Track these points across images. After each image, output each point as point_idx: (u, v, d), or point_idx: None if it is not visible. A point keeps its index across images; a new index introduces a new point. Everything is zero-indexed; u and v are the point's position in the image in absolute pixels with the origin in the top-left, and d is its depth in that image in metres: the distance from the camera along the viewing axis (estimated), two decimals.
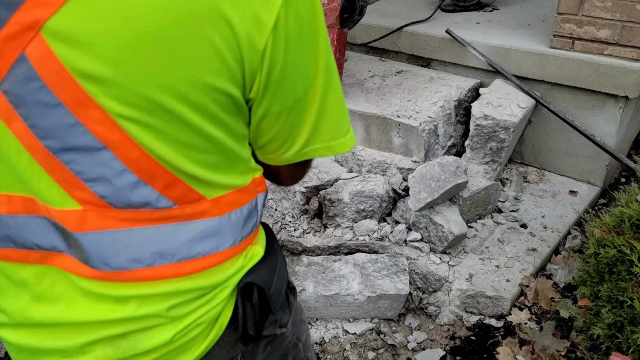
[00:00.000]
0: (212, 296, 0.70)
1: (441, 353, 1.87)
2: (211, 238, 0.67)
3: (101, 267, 0.64)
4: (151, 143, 0.58)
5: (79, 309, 0.66)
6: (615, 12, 2.09)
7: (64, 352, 0.68)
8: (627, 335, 1.45)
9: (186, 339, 0.70)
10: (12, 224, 0.64)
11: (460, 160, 2.13)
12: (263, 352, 0.84)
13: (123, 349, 0.68)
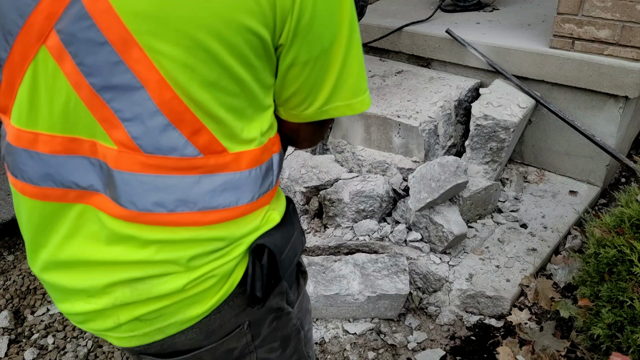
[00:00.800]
0: (227, 251, 0.74)
1: (441, 353, 1.87)
2: (231, 191, 0.71)
3: (128, 206, 0.68)
4: (185, 82, 0.63)
5: (104, 249, 0.71)
6: (615, 12, 2.09)
7: (88, 292, 0.74)
8: (627, 335, 1.45)
9: (198, 290, 0.73)
10: (53, 163, 0.69)
11: (461, 160, 2.13)
12: (268, 327, 0.86)
13: (139, 291, 0.72)
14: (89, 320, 0.78)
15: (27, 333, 2.08)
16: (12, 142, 0.71)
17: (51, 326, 2.11)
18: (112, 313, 0.75)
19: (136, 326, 0.76)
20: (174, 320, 0.75)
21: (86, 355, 1.98)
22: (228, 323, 0.80)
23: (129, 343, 0.79)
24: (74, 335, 2.06)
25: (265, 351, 0.89)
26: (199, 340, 0.79)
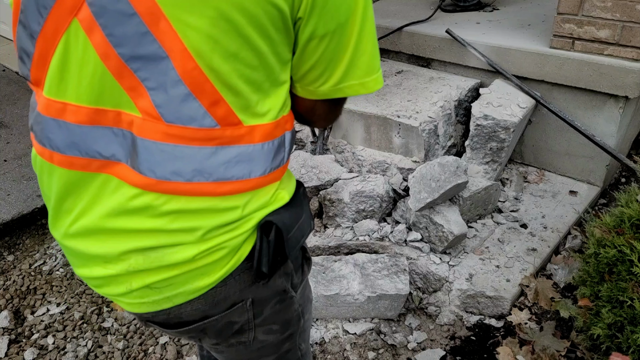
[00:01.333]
0: (238, 225, 0.77)
1: (441, 353, 1.87)
2: (245, 164, 0.74)
3: (148, 174, 0.71)
4: (207, 53, 0.66)
5: (122, 218, 0.74)
6: (615, 12, 2.09)
7: (105, 258, 0.78)
8: (627, 335, 1.45)
9: (207, 262, 0.77)
10: (79, 132, 0.73)
11: (461, 160, 2.13)
12: (271, 309, 0.89)
13: (152, 259, 0.76)
14: (104, 285, 0.82)
15: (27, 333, 2.08)
16: (42, 112, 0.75)
17: (51, 326, 2.11)
18: (125, 279, 0.79)
19: (146, 293, 0.79)
20: (183, 290, 0.78)
21: (86, 355, 1.98)
22: (232, 296, 0.82)
23: (138, 309, 0.83)
24: (74, 335, 2.06)
25: (263, 331, 0.91)
26: (203, 311, 0.82)
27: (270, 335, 0.94)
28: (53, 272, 2.38)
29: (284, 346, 1.00)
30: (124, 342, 2.02)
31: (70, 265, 2.40)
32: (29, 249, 2.52)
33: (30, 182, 2.82)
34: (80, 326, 2.10)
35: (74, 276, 2.34)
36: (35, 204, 2.64)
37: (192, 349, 1.98)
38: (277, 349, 0.99)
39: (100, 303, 2.21)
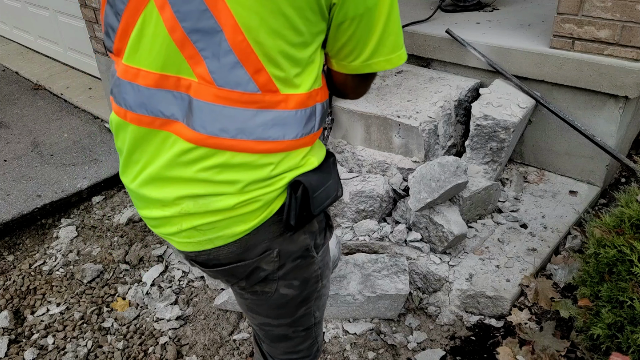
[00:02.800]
0: (272, 182, 0.90)
1: (441, 353, 1.87)
2: (279, 127, 0.87)
3: (200, 130, 0.85)
4: (254, 28, 0.79)
5: (178, 169, 0.89)
6: (615, 12, 2.09)
7: (162, 202, 0.93)
8: (627, 335, 1.45)
9: (244, 211, 0.90)
10: (147, 94, 0.87)
11: (461, 160, 2.13)
12: (293, 262, 1.01)
13: (200, 205, 0.90)
14: (160, 226, 0.97)
15: (27, 333, 2.08)
16: (120, 76, 0.90)
17: (51, 326, 2.11)
18: (177, 221, 0.93)
19: (193, 234, 0.94)
20: (223, 234, 0.93)
21: (86, 355, 1.98)
22: (262, 244, 0.95)
23: (185, 248, 0.98)
24: (74, 335, 2.06)
25: (285, 285, 1.03)
26: (237, 254, 0.96)
27: (290, 290, 1.05)
28: (53, 272, 2.38)
29: (300, 310, 1.10)
30: (124, 342, 2.02)
31: (70, 266, 2.40)
32: (29, 249, 2.52)
33: (30, 182, 2.82)
34: (80, 326, 2.10)
35: (74, 276, 2.34)
36: (35, 204, 2.64)
37: (192, 349, 1.98)
38: (293, 311, 1.10)
39: (100, 303, 2.21)
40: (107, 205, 2.78)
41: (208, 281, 2.25)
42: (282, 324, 1.13)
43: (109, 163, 2.98)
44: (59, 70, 4.33)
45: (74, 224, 2.66)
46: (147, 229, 2.61)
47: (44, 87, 4.04)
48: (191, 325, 2.09)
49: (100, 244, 2.53)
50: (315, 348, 1.25)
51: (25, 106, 3.75)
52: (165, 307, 2.16)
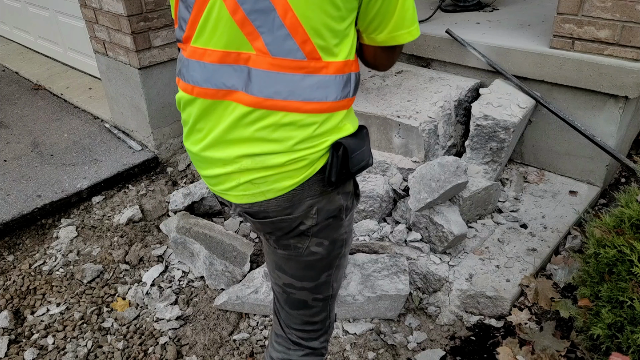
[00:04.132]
0: (316, 143, 1.06)
1: (441, 353, 1.87)
2: (323, 89, 1.03)
3: (258, 94, 1.01)
4: (301, 5, 0.96)
5: (239, 131, 1.05)
6: (615, 12, 2.09)
7: (224, 161, 1.10)
8: (627, 335, 1.45)
9: (292, 168, 1.07)
10: (212, 69, 1.04)
11: (460, 160, 2.13)
12: (326, 221, 1.17)
13: (257, 162, 1.06)
14: (219, 183, 1.14)
15: (27, 333, 2.08)
16: (189, 57, 1.08)
17: (51, 326, 2.11)
18: (236, 176, 1.10)
19: (248, 187, 1.10)
20: (273, 187, 1.09)
21: (86, 355, 1.98)
22: (305, 202, 1.12)
23: (240, 200, 1.14)
24: (73, 335, 2.06)
25: (316, 243, 1.18)
26: (284, 208, 1.12)
27: (319, 249, 1.20)
28: (53, 272, 2.38)
29: (322, 275, 1.25)
30: (124, 342, 2.02)
31: (70, 266, 2.40)
32: (29, 249, 2.52)
33: (30, 182, 2.82)
34: (80, 326, 2.10)
35: (74, 276, 2.34)
36: (35, 204, 2.64)
37: (192, 349, 1.98)
38: (317, 274, 1.25)
39: (100, 303, 2.21)
40: (107, 205, 2.78)
41: (208, 281, 2.25)
42: (305, 288, 1.27)
43: (109, 163, 2.98)
44: (59, 70, 4.32)
45: (74, 224, 2.66)
46: (147, 228, 2.61)
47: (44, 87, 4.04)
48: (191, 326, 2.09)
49: (100, 244, 2.53)
50: (328, 323, 1.38)
51: (25, 106, 3.75)
52: (165, 307, 2.16)
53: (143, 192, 2.86)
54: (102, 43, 3.02)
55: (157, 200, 2.78)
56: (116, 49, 2.90)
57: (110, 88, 3.20)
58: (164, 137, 3.07)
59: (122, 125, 3.31)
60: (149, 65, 2.82)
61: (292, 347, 1.37)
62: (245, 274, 2.20)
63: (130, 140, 3.19)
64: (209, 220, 2.59)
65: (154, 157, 3.05)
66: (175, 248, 2.38)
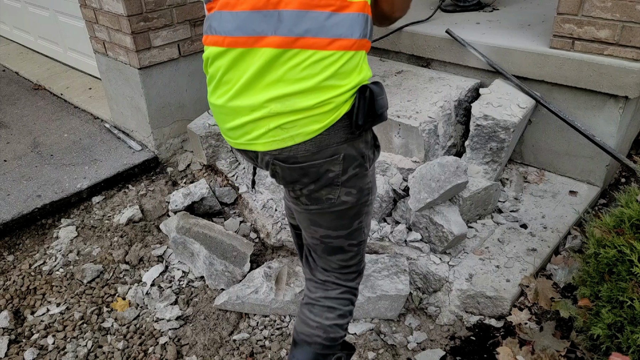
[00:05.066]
0: (341, 83, 1.14)
1: (441, 353, 1.87)
2: (348, 27, 1.13)
3: (287, 34, 1.10)
4: None
5: (269, 74, 1.12)
6: (615, 12, 2.09)
7: (252, 107, 1.15)
8: (627, 336, 1.45)
9: (320, 111, 1.14)
10: (243, 17, 1.12)
11: (461, 160, 2.13)
12: (353, 170, 1.26)
13: (286, 105, 1.13)
14: (246, 133, 1.21)
15: (27, 333, 2.08)
16: (221, 9, 1.16)
17: (51, 326, 2.11)
18: (265, 122, 1.16)
19: (278, 133, 1.17)
20: (302, 131, 1.16)
21: (86, 356, 1.98)
22: (332, 148, 1.20)
23: (270, 147, 1.20)
24: (73, 335, 2.06)
25: (345, 192, 1.28)
26: (312, 153, 1.20)
27: (349, 198, 1.29)
28: (53, 272, 2.38)
29: (355, 223, 1.36)
30: (124, 342, 2.02)
31: (70, 266, 2.40)
32: (29, 249, 2.52)
33: (30, 182, 2.82)
34: (80, 326, 2.10)
35: (74, 276, 2.34)
36: (35, 204, 2.64)
37: (192, 349, 1.98)
38: (350, 223, 1.36)
39: (100, 303, 2.21)
40: (107, 206, 2.78)
41: (208, 281, 2.25)
42: (340, 236, 1.38)
43: (109, 163, 2.98)
44: (59, 70, 4.32)
45: (74, 224, 2.66)
46: (147, 228, 2.61)
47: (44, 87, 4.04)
48: (191, 326, 2.09)
49: (100, 244, 2.53)
50: (362, 265, 1.52)
51: (25, 106, 3.75)
52: (165, 307, 2.16)
53: (143, 192, 2.86)
54: (102, 43, 3.02)
55: (157, 200, 2.78)
56: (116, 49, 2.90)
57: (110, 88, 3.20)
58: (164, 137, 3.07)
59: (122, 125, 3.31)
60: (149, 65, 2.82)
61: (330, 287, 1.48)
62: (245, 274, 2.20)
63: (130, 140, 3.19)
64: (209, 220, 2.60)
65: (154, 157, 3.05)
66: (175, 248, 2.38)
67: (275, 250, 2.42)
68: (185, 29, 2.89)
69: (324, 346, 1.44)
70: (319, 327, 1.44)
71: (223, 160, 2.90)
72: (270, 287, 2.07)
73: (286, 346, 1.96)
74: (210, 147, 2.84)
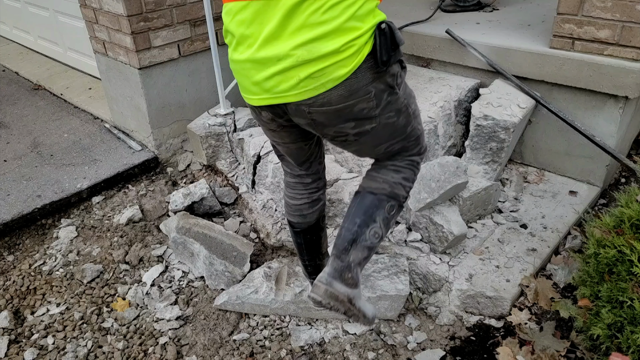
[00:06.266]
0: (360, 24, 1.20)
1: (441, 353, 1.87)
2: None
3: None
4: None
5: (291, 21, 1.17)
6: (615, 12, 2.09)
7: (278, 57, 1.20)
8: (627, 336, 1.45)
9: (344, 55, 1.20)
10: None
11: (460, 160, 2.13)
12: (385, 99, 1.33)
13: (312, 52, 1.18)
14: (276, 85, 1.25)
15: (27, 333, 2.08)
16: None
17: (51, 326, 2.11)
18: (295, 72, 1.21)
19: (309, 82, 1.22)
20: (331, 77, 1.22)
21: (86, 356, 1.98)
22: (362, 88, 1.26)
23: (302, 96, 1.25)
24: (73, 335, 2.06)
25: (385, 118, 1.37)
26: (344, 97, 1.26)
27: (391, 119, 1.38)
28: (53, 272, 2.38)
29: (407, 129, 1.46)
30: (124, 342, 2.02)
31: (69, 266, 2.40)
32: (29, 249, 2.52)
33: (30, 182, 2.82)
34: (80, 326, 2.10)
35: (74, 276, 2.34)
36: (35, 204, 2.64)
37: (192, 349, 1.99)
38: (402, 131, 1.44)
39: (100, 303, 2.21)
40: (107, 206, 2.78)
41: (208, 281, 2.25)
42: (399, 140, 1.47)
43: (108, 163, 2.98)
44: (59, 70, 4.32)
45: (73, 224, 2.66)
46: (147, 229, 2.61)
47: (44, 87, 4.04)
48: (191, 326, 2.09)
49: (100, 244, 2.53)
50: (425, 146, 1.61)
51: (25, 106, 3.75)
52: (165, 307, 2.16)
53: (143, 192, 2.86)
54: (102, 43, 3.02)
55: (157, 200, 2.78)
56: (116, 49, 2.90)
57: (110, 88, 3.20)
58: (164, 137, 3.07)
59: (122, 125, 3.31)
60: (149, 66, 2.82)
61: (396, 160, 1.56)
62: (245, 274, 2.20)
63: (130, 140, 3.19)
64: (209, 220, 2.60)
65: (154, 157, 3.05)
66: (175, 248, 2.38)
67: (275, 250, 2.42)
68: (185, 29, 2.89)
69: (388, 197, 1.53)
70: (385, 182, 1.54)
71: (223, 160, 2.90)
72: (270, 287, 2.07)
73: (286, 346, 1.97)
74: (210, 147, 2.84)
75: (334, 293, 1.41)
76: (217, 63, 2.73)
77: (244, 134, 2.77)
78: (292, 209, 1.77)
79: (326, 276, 1.44)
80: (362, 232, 1.46)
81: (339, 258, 1.46)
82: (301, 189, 1.75)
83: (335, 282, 1.43)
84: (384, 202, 1.51)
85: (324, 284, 1.42)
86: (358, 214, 1.50)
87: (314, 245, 1.83)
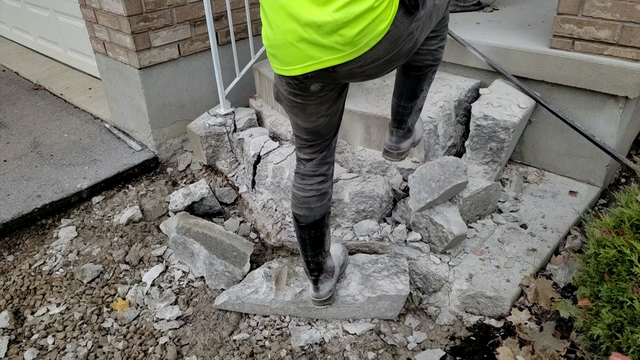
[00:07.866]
0: None
1: (441, 353, 1.87)
2: None
3: None
4: None
5: None
6: (615, 13, 2.09)
7: (318, 23, 1.27)
8: (627, 336, 1.45)
9: (378, 12, 1.26)
10: None
11: (460, 160, 2.13)
12: (425, 23, 1.42)
13: (348, 14, 1.25)
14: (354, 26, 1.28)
15: (27, 333, 2.08)
16: None
17: (51, 326, 2.11)
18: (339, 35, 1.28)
19: (355, 43, 1.29)
20: (373, 35, 1.29)
21: (86, 356, 1.98)
22: (403, 34, 1.35)
23: (353, 56, 1.32)
24: (73, 335, 2.06)
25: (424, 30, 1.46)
26: (390, 49, 1.35)
27: (427, 25, 1.47)
28: (53, 273, 2.38)
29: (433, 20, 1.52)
30: (124, 342, 2.02)
31: (69, 266, 2.40)
32: (29, 249, 2.52)
33: (30, 182, 2.82)
34: (80, 326, 2.10)
35: (74, 276, 2.35)
36: (35, 204, 2.64)
37: (192, 349, 1.99)
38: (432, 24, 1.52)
39: (100, 303, 2.21)
40: (107, 206, 2.78)
41: (208, 281, 2.25)
42: (430, 29, 1.55)
43: (108, 163, 2.98)
44: (59, 70, 4.33)
45: (74, 224, 2.66)
46: (147, 229, 2.61)
47: (44, 87, 4.04)
48: (191, 326, 2.09)
49: (100, 244, 2.53)
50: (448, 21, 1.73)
51: (25, 106, 3.75)
52: (165, 307, 2.16)
53: (143, 192, 2.86)
54: (102, 43, 3.02)
55: (157, 200, 2.78)
56: (116, 49, 2.90)
57: (110, 88, 3.20)
58: (164, 137, 3.07)
59: (122, 126, 3.31)
60: (149, 66, 2.82)
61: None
62: (245, 274, 2.20)
63: (130, 140, 3.19)
64: (209, 220, 2.60)
65: (154, 157, 3.05)
66: (175, 248, 2.38)
67: (275, 250, 2.42)
68: (185, 29, 2.89)
69: (432, 65, 1.73)
70: (428, 52, 1.69)
71: (223, 160, 2.90)
72: (270, 287, 2.07)
73: (286, 346, 1.97)
74: (210, 147, 2.84)
75: (403, 152, 1.99)
76: (217, 63, 2.73)
77: (244, 134, 2.77)
78: (299, 201, 1.77)
79: (394, 144, 1.97)
80: (414, 104, 1.84)
81: (399, 128, 1.92)
82: (311, 177, 1.77)
83: (401, 144, 1.96)
84: (429, 73, 1.76)
85: (395, 149, 1.98)
86: (409, 91, 1.79)
87: (318, 241, 1.82)
